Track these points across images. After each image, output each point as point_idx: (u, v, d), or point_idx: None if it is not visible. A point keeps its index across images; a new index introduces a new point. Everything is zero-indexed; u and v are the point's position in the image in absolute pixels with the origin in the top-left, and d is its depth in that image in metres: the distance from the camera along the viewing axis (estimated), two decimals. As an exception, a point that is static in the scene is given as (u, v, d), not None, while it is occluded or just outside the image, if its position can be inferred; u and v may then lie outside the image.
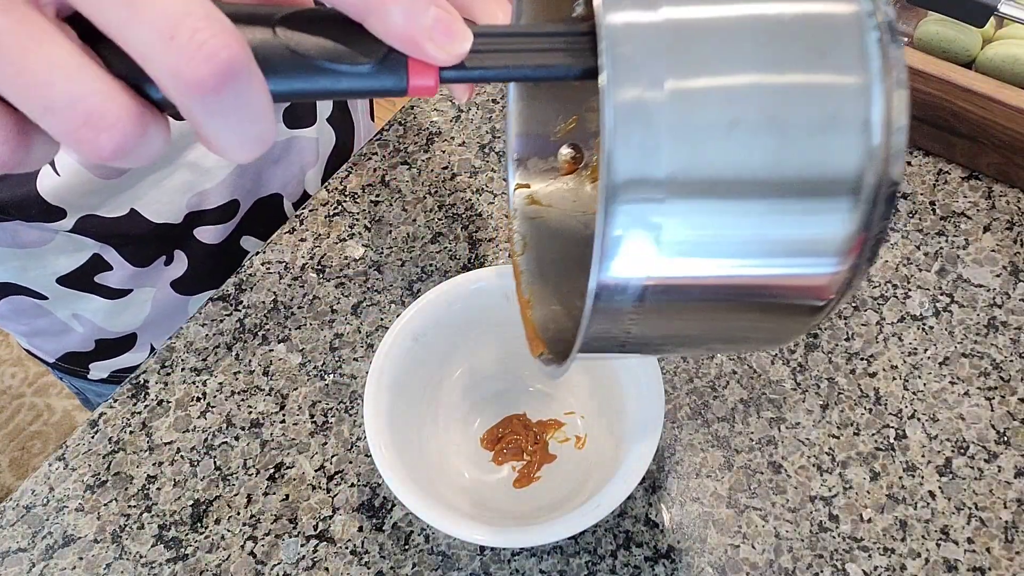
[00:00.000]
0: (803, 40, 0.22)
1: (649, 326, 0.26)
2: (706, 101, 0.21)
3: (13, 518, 0.51)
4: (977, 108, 0.58)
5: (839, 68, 0.22)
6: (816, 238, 0.23)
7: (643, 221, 0.22)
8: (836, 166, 0.22)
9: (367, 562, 0.48)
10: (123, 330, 0.62)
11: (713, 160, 0.22)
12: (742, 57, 0.22)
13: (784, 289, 0.25)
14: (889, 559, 0.47)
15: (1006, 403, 0.52)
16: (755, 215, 0.22)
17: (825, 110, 0.22)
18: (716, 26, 0.22)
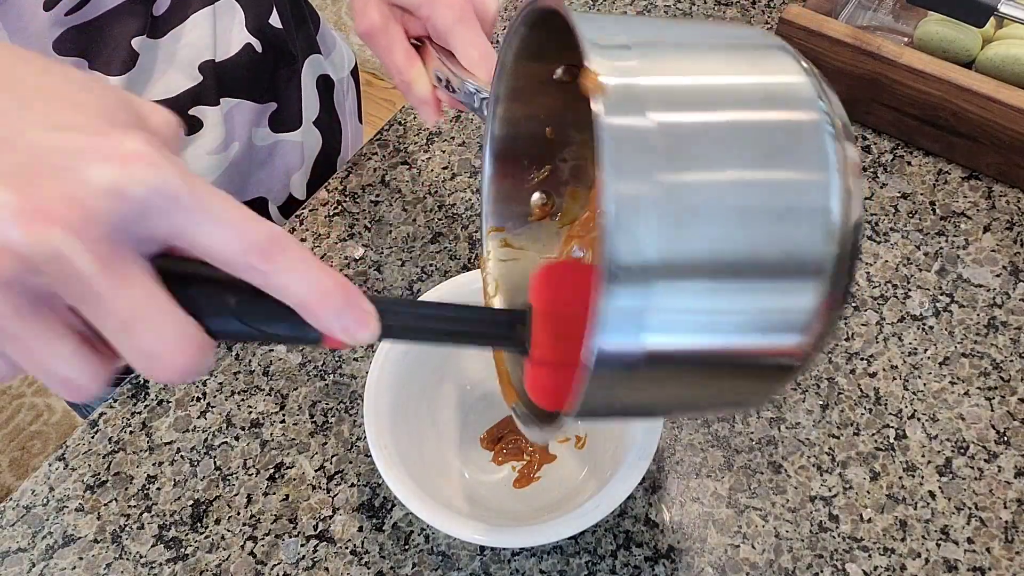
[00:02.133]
0: (771, 142, 0.26)
1: (636, 395, 0.28)
2: (691, 194, 0.24)
3: (13, 518, 0.51)
4: (977, 108, 0.58)
5: (801, 165, 0.26)
6: (786, 312, 0.26)
7: (636, 300, 0.24)
8: (802, 249, 0.25)
9: (367, 562, 0.48)
10: None
11: (697, 246, 0.25)
12: (720, 158, 0.25)
13: (759, 357, 0.27)
14: (889, 559, 0.47)
15: (1006, 403, 0.52)
16: (733, 294, 0.25)
17: (791, 201, 0.25)
18: (699, 130, 0.25)
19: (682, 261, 0.24)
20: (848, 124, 0.27)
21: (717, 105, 0.26)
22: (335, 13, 2.03)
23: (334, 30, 0.73)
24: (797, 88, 0.27)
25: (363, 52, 1.88)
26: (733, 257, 0.25)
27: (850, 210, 0.25)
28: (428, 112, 0.46)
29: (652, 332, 0.25)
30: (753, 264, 0.25)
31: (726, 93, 0.26)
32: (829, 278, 0.26)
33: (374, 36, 0.44)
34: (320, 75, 0.67)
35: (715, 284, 0.25)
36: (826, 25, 0.61)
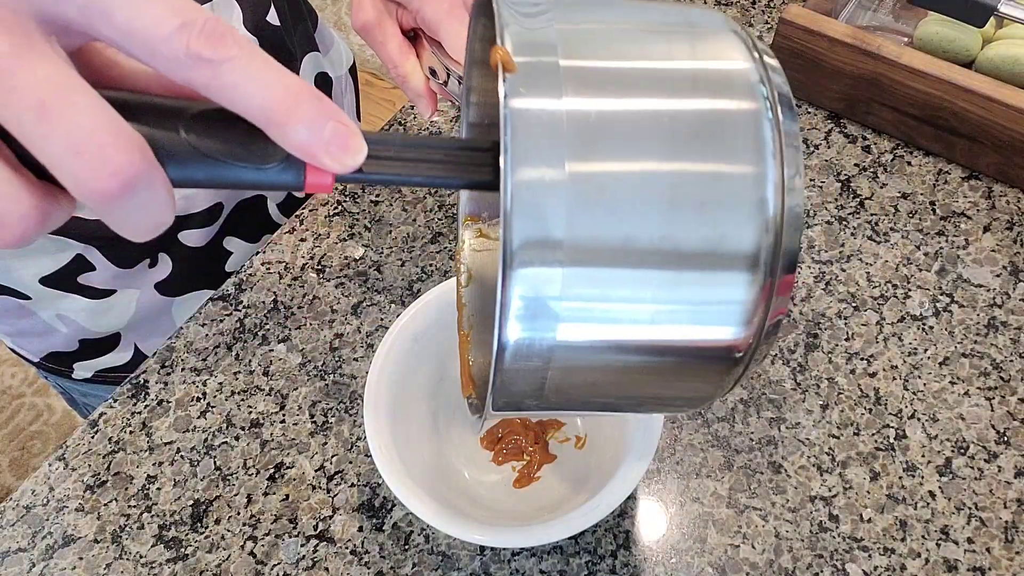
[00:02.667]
0: (699, 129, 0.24)
1: (561, 386, 0.27)
2: (604, 182, 0.23)
3: (13, 518, 0.51)
4: (977, 108, 0.58)
5: (732, 154, 0.24)
6: (716, 306, 0.25)
7: (540, 285, 0.23)
8: (732, 239, 0.24)
9: (367, 562, 0.48)
10: (107, 330, 0.62)
11: (610, 233, 0.23)
12: (639, 145, 0.24)
13: (691, 352, 0.26)
14: (889, 559, 0.47)
15: (1006, 403, 0.52)
16: (652, 285, 0.24)
17: (719, 190, 0.24)
18: (618, 116, 0.24)
19: (591, 246, 0.23)
20: (792, 107, 0.25)
21: (642, 90, 0.25)
22: (335, 13, 2.03)
23: (333, 29, 0.73)
24: (736, 73, 0.25)
25: (363, 52, 1.88)
26: (653, 246, 0.24)
27: (787, 198, 0.24)
28: (423, 105, 0.46)
29: (561, 320, 0.24)
30: (675, 253, 0.24)
31: (654, 78, 0.25)
32: (764, 270, 0.24)
33: (369, 30, 0.44)
34: (318, 73, 0.67)
35: (631, 272, 0.24)
36: (826, 25, 0.61)
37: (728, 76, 0.25)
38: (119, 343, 0.64)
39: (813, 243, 0.59)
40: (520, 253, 0.22)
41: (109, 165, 0.19)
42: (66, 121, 0.18)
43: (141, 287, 0.61)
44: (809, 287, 0.57)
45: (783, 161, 0.24)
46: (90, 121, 0.19)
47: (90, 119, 0.19)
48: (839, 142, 0.64)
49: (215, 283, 0.63)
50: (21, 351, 0.66)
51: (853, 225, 0.60)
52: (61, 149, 0.19)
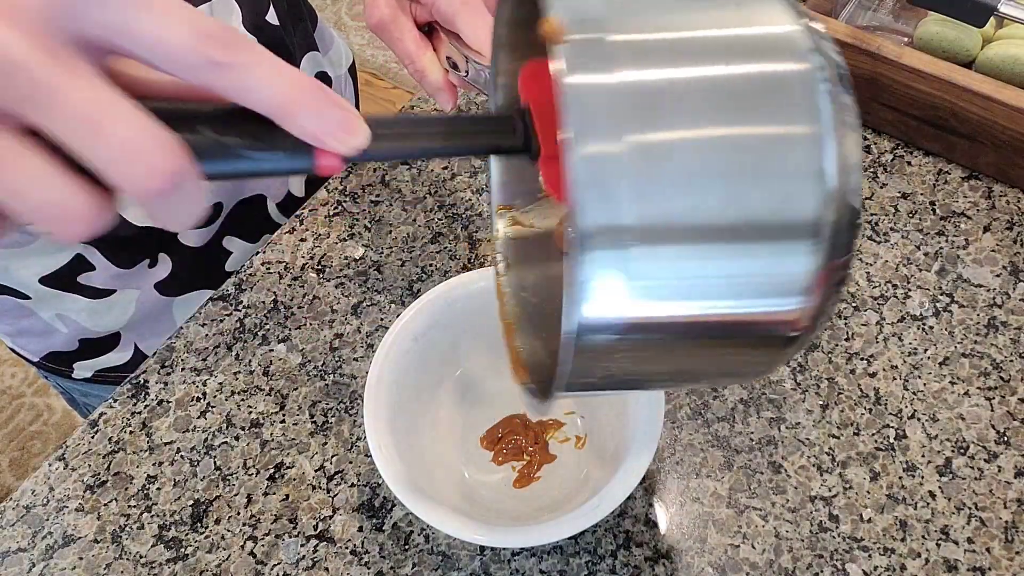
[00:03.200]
0: (756, 98, 0.24)
1: (628, 365, 0.27)
2: (666, 154, 0.23)
3: (13, 518, 0.51)
4: (977, 108, 0.58)
5: (790, 121, 0.24)
6: (780, 277, 0.25)
7: (612, 266, 0.23)
8: (793, 211, 0.24)
9: (367, 562, 0.48)
10: (107, 330, 0.62)
11: (676, 207, 0.23)
12: (696, 115, 0.24)
13: (755, 325, 0.26)
14: (889, 559, 0.47)
15: (1006, 403, 0.52)
16: (720, 258, 0.24)
17: (778, 160, 0.24)
18: (673, 86, 0.24)
19: (659, 224, 0.23)
20: (847, 76, 0.25)
21: (694, 59, 0.24)
22: (335, 13, 2.03)
23: (332, 29, 0.73)
24: (787, 38, 0.25)
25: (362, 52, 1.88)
26: (716, 219, 0.24)
27: (847, 168, 0.24)
28: (444, 98, 0.46)
29: (634, 299, 0.24)
30: (740, 226, 0.24)
31: (705, 45, 0.25)
32: (826, 240, 0.24)
33: (385, 27, 0.44)
34: (318, 72, 0.67)
35: (698, 247, 0.24)
36: (826, 25, 0.61)
37: (781, 41, 0.25)
38: (119, 343, 0.64)
39: (813, 243, 0.59)
40: (589, 234, 0.23)
41: (155, 167, 0.21)
42: (113, 132, 0.20)
43: (141, 287, 0.61)
44: (809, 287, 0.57)
45: (842, 127, 0.24)
46: (134, 130, 0.20)
47: (134, 128, 0.21)
48: (839, 142, 0.64)
49: (215, 283, 0.63)
50: (21, 351, 0.66)
51: (853, 225, 0.60)
52: (111, 156, 0.20)
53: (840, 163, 0.24)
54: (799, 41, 0.25)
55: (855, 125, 0.25)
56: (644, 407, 0.44)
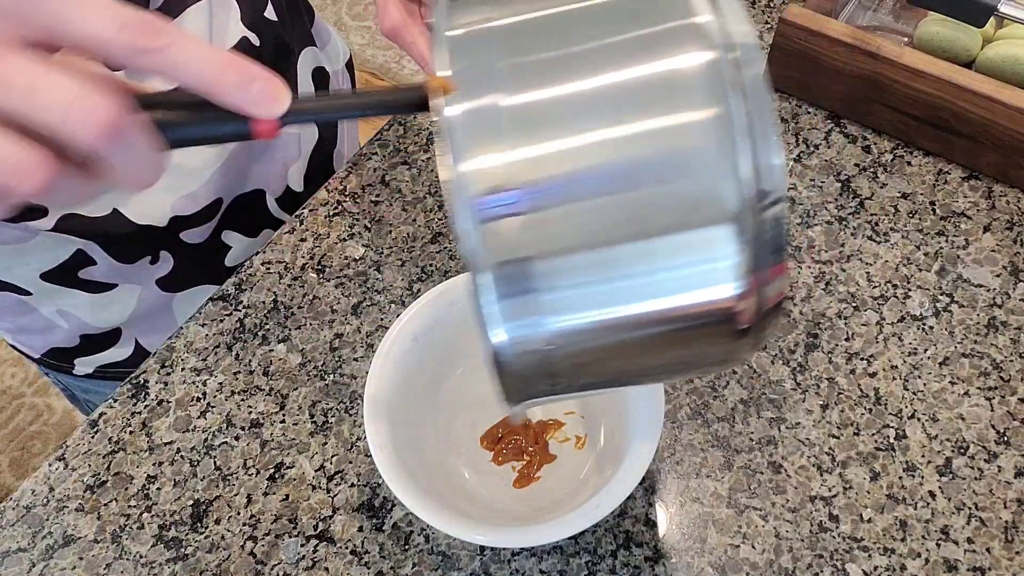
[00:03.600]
0: (651, 96, 0.24)
1: (572, 373, 0.27)
2: (562, 162, 0.24)
3: (13, 518, 0.51)
4: (977, 108, 0.58)
5: (688, 116, 0.24)
6: (702, 271, 0.25)
7: (516, 294, 0.24)
8: (704, 205, 0.24)
9: (367, 562, 0.48)
10: (108, 325, 0.63)
11: (578, 211, 0.24)
12: (585, 125, 0.24)
13: (691, 318, 0.26)
14: (889, 559, 0.47)
15: (1006, 403, 0.52)
16: (631, 260, 0.24)
17: (679, 154, 0.24)
18: (559, 102, 0.24)
19: (559, 238, 0.24)
20: (752, 47, 0.24)
21: (587, 75, 0.24)
22: (335, 13, 2.03)
23: (330, 25, 0.74)
24: (685, 34, 0.24)
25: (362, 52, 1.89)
26: (624, 217, 0.24)
27: (757, 154, 0.24)
28: None
29: (546, 316, 0.24)
30: (646, 226, 0.24)
31: (596, 62, 0.24)
32: (744, 230, 0.24)
33: (397, 32, 0.44)
34: (316, 67, 0.67)
35: (608, 252, 0.24)
36: (826, 25, 0.61)
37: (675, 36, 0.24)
38: (120, 339, 0.64)
39: (813, 243, 0.59)
40: (485, 265, 0.24)
41: (94, 118, 0.23)
42: (52, 93, 0.23)
43: (142, 283, 0.61)
44: (809, 287, 0.57)
45: (746, 110, 0.24)
46: (70, 90, 0.23)
47: (70, 89, 0.23)
48: (839, 142, 0.64)
49: (216, 278, 0.63)
50: (22, 348, 0.66)
51: (853, 225, 0.60)
52: (53, 116, 0.23)
53: (748, 145, 0.24)
54: (699, 39, 0.24)
55: (762, 109, 0.24)
56: (644, 407, 0.44)
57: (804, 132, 0.65)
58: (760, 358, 0.54)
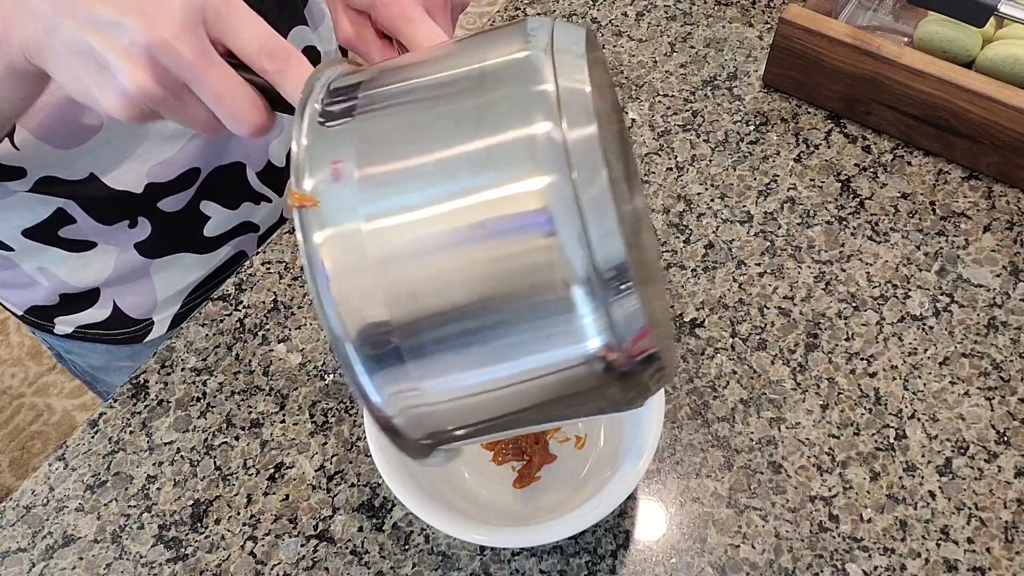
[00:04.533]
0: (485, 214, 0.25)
1: (467, 427, 0.29)
2: (412, 275, 0.26)
3: (13, 518, 0.51)
4: (977, 108, 0.58)
5: (519, 214, 0.25)
6: (554, 334, 0.26)
7: (382, 357, 0.26)
8: (546, 278, 0.25)
9: (367, 562, 0.48)
10: (86, 285, 0.64)
11: (429, 304, 0.26)
12: (437, 235, 0.26)
13: (554, 377, 0.27)
14: (889, 559, 0.47)
15: (1006, 403, 0.52)
16: (482, 335, 0.26)
17: (518, 247, 0.25)
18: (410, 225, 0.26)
19: (416, 313, 0.25)
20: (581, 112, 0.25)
21: (426, 146, 0.26)
22: (335, 13, 2.02)
23: (325, 6, 0.74)
24: (513, 149, 0.26)
25: (363, 52, 1.88)
26: (472, 292, 0.25)
27: (578, 225, 0.25)
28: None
29: (419, 380, 0.27)
30: (498, 306, 0.25)
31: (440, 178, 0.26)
32: (590, 288, 0.25)
33: (351, 44, 0.45)
34: (306, 46, 0.67)
35: (459, 323, 0.26)
36: (826, 25, 0.61)
37: (508, 152, 0.26)
38: (98, 299, 0.65)
39: (813, 243, 0.59)
40: (349, 330, 0.26)
41: (253, 123, 0.32)
42: (229, 104, 0.32)
43: (120, 245, 0.62)
44: (809, 287, 0.57)
45: (579, 181, 0.25)
46: (239, 102, 0.32)
47: (241, 100, 0.32)
48: (839, 142, 0.64)
49: (195, 247, 0.64)
50: (6, 303, 0.67)
51: (853, 225, 0.60)
52: (227, 118, 0.32)
53: (579, 213, 0.25)
54: (528, 149, 0.25)
55: (600, 183, 0.25)
56: (644, 407, 0.44)
57: (804, 132, 0.65)
58: (760, 358, 0.54)
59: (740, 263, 0.58)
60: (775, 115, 0.66)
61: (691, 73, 0.69)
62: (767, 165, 0.63)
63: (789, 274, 0.58)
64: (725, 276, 0.58)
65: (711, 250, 0.59)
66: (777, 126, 0.65)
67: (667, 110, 0.67)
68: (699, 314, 0.56)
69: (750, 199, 0.62)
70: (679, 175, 0.63)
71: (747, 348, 0.55)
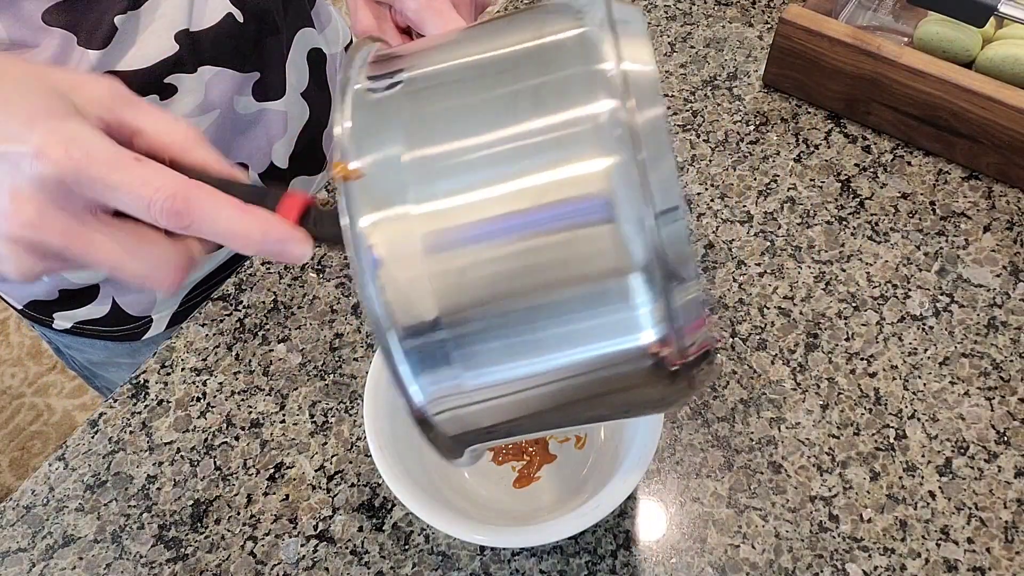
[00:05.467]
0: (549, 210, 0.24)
1: (505, 426, 0.28)
2: (464, 228, 0.24)
3: (13, 518, 0.51)
4: (977, 108, 0.58)
5: (581, 205, 0.24)
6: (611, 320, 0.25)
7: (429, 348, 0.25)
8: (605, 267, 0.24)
9: (367, 562, 0.48)
10: (86, 281, 0.63)
11: (484, 275, 0.24)
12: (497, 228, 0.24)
13: (609, 366, 0.26)
14: (889, 559, 0.47)
15: (1006, 403, 0.52)
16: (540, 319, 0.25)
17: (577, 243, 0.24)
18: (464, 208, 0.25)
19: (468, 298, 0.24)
20: (650, 89, 0.24)
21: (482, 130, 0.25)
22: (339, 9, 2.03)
23: (332, 8, 0.74)
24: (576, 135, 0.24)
25: (363, 52, 1.88)
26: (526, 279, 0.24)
27: (645, 210, 0.23)
28: None
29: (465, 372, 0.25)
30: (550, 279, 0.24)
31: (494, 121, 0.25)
32: (651, 276, 0.24)
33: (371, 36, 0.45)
34: (312, 48, 0.67)
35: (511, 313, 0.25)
36: (826, 25, 0.61)
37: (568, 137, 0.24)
38: (97, 295, 0.65)
39: (813, 243, 0.59)
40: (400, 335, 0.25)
41: (173, 280, 0.30)
42: (133, 266, 0.29)
43: None
44: (809, 287, 0.57)
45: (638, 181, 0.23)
46: (149, 262, 0.29)
47: (149, 259, 0.29)
48: (839, 142, 0.64)
49: None
50: (6, 297, 0.67)
51: (853, 225, 0.60)
52: (135, 279, 0.29)
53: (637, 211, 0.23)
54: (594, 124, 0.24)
55: (668, 163, 0.24)
56: (644, 407, 0.44)
57: (804, 132, 0.65)
58: (760, 358, 0.54)
59: (740, 263, 0.58)
60: (775, 115, 0.66)
61: (691, 73, 0.69)
62: (767, 165, 0.63)
63: (789, 274, 0.58)
64: (725, 276, 0.58)
65: (711, 250, 0.59)
66: (777, 126, 0.65)
67: (667, 110, 0.67)
68: (699, 314, 0.56)
69: (750, 199, 0.62)
70: (679, 175, 0.63)
71: (747, 348, 0.55)
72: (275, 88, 0.63)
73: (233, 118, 0.61)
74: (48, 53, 0.48)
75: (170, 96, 0.56)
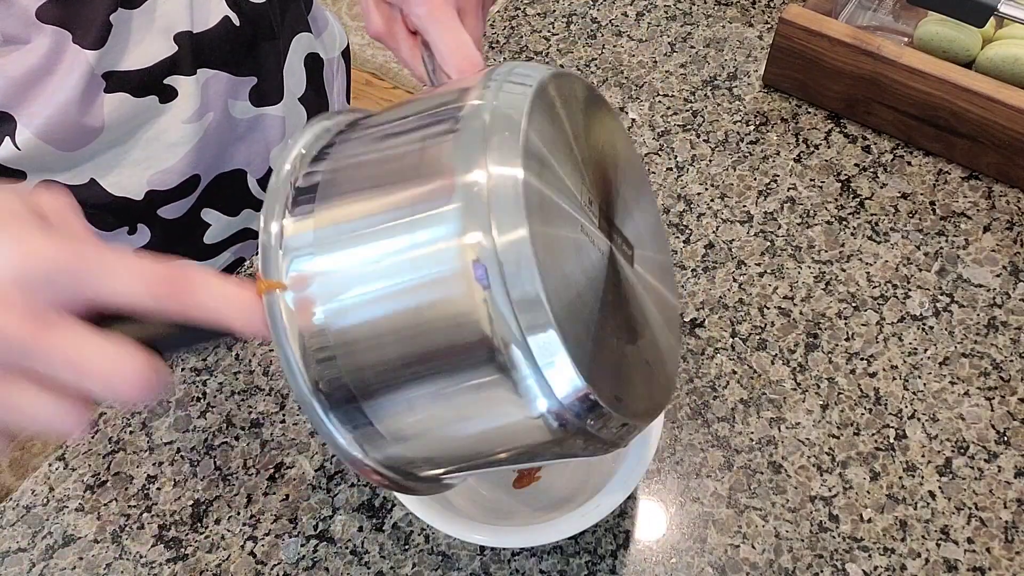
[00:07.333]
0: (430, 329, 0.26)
1: (431, 464, 0.31)
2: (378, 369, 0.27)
3: (13, 518, 0.51)
4: (977, 108, 0.58)
5: (451, 315, 0.26)
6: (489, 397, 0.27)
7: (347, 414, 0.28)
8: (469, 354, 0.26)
9: (367, 562, 0.48)
10: None
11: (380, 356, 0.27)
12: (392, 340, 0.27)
13: (510, 449, 0.29)
14: (889, 559, 0.47)
15: (1006, 403, 0.52)
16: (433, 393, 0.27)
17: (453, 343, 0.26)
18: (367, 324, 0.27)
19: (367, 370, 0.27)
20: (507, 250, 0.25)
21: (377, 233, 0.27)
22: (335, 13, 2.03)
23: (330, 13, 0.74)
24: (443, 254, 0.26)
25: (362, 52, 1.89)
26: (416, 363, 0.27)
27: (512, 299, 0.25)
28: None
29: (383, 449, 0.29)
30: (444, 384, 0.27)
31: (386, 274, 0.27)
32: (510, 370, 0.25)
33: (382, 38, 0.45)
34: (308, 53, 0.67)
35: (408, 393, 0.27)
36: (826, 25, 0.61)
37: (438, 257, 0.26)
38: None
39: (813, 243, 0.59)
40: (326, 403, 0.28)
41: (135, 382, 0.26)
42: (91, 366, 0.26)
43: None
44: (809, 287, 0.57)
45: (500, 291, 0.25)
46: (107, 360, 0.26)
47: (106, 359, 0.26)
48: (839, 142, 0.64)
49: (194, 253, 0.64)
50: None
51: (853, 225, 0.60)
52: (97, 384, 0.26)
53: (498, 326, 0.25)
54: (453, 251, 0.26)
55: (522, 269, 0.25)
56: (644, 407, 0.44)
57: (804, 132, 0.65)
58: (760, 358, 0.54)
59: (740, 263, 0.58)
60: (775, 115, 0.66)
61: (691, 73, 0.69)
62: (767, 165, 0.63)
63: (789, 274, 0.58)
64: (725, 276, 0.58)
65: (711, 250, 0.59)
66: (777, 126, 0.65)
67: (667, 110, 0.67)
68: (699, 314, 0.56)
69: (750, 199, 0.62)
70: (679, 175, 0.63)
71: (747, 348, 0.55)
72: (272, 93, 0.63)
73: (230, 123, 0.61)
74: (42, 50, 0.48)
75: (170, 99, 0.56)
